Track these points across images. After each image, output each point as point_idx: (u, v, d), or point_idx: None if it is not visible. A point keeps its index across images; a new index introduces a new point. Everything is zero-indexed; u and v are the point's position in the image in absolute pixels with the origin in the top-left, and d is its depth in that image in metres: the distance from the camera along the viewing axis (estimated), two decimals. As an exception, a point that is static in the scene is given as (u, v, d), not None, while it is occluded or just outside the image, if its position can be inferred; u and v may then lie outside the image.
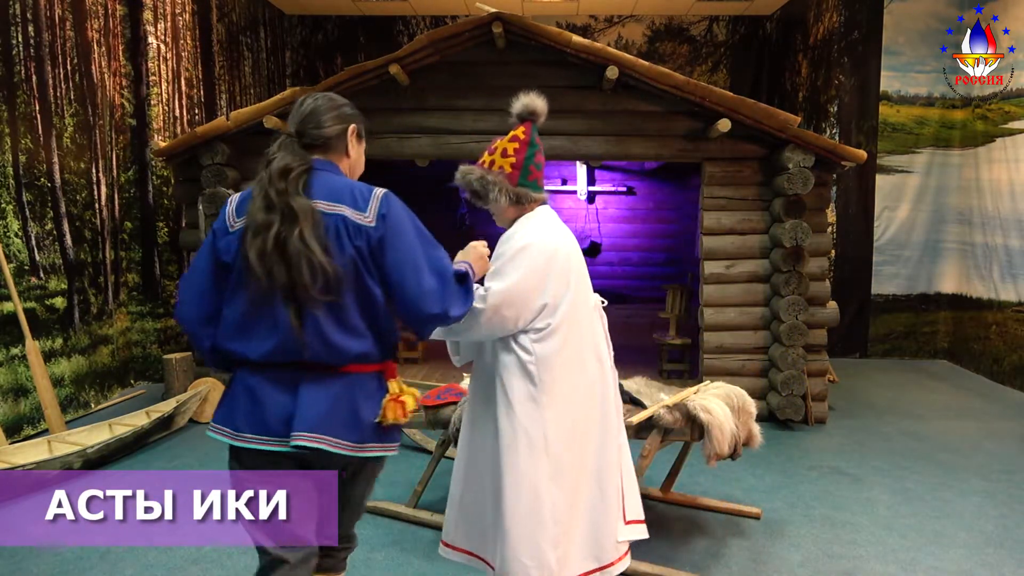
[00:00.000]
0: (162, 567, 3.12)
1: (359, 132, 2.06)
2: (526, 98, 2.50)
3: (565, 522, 2.32)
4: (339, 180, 1.95)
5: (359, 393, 1.91)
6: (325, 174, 1.94)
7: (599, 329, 2.53)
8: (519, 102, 2.50)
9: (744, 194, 5.37)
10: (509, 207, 2.43)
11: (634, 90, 5.16)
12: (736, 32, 8.50)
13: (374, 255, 1.88)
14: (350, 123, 2.02)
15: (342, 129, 2.00)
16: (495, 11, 4.93)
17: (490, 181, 2.40)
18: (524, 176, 2.43)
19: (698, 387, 3.48)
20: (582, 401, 2.40)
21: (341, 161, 2.03)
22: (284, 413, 1.87)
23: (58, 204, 5.17)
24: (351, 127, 2.02)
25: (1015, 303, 6.66)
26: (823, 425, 5.32)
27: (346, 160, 2.04)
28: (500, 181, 2.40)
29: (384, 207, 1.90)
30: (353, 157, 2.06)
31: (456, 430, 3.34)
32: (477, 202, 2.50)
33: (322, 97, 2.04)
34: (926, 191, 7.74)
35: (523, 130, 2.48)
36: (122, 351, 5.91)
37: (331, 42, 8.65)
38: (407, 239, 1.91)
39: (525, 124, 2.50)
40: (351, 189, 1.92)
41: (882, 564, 3.23)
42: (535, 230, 2.39)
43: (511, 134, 2.48)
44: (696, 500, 3.80)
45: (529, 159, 2.45)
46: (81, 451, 4.06)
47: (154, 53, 6.19)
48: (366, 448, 1.92)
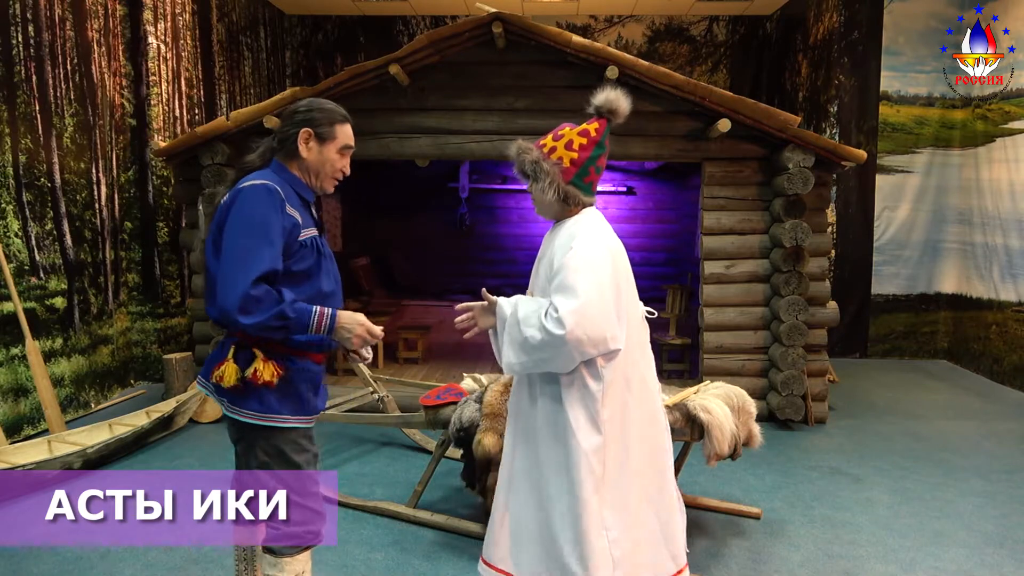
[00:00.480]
0: (162, 567, 3.12)
1: (314, 135, 2.17)
2: (611, 94, 2.33)
3: (620, 542, 2.29)
4: (252, 176, 2.12)
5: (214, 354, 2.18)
6: (257, 172, 2.16)
7: (647, 341, 2.46)
8: (602, 95, 2.34)
9: (744, 194, 5.37)
10: (555, 202, 2.33)
11: (634, 90, 5.10)
12: (736, 32, 8.50)
13: (220, 230, 2.06)
14: (300, 128, 2.16)
15: (292, 133, 2.16)
16: (495, 11, 4.93)
17: (544, 169, 2.29)
18: (580, 176, 2.32)
19: (698, 387, 3.48)
20: (638, 422, 2.36)
21: (294, 162, 2.19)
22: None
23: (58, 204, 5.17)
24: (301, 132, 2.15)
25: (1015, 303, 6.66)
26: (823, 425, 5.32)
27: (301, 161, 2.18)
28: (554, 173, 2.29)
29: (233, 194, 2.07)
30: (308, 158, 2.17)
31: (456, 430, 3.34)
32: (523, 179, 2.39)
33: (305, 102, 2.22)
34: (926, 191, 7.74)
35: (596, 127, 2.35)
36: (122, 351, 5.91)
37: (331, 42, 8.65)
38: (232, 225, 2.02)
39: (601, 121, 2.36)
40: (245, 181, 2.11)
41: (882, 564, 3.23)
42: (593, 236, 2.28)
43: (583, 127, 2.34)
44: (696, 500, 3.80)
45: (592, 160, 2.33)
46: (81, 451, 4.06)
47: (154, 53, 6.19)
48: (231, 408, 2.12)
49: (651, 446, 2.44)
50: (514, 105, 5.34)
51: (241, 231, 2.00)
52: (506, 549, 2.44)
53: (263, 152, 2.22)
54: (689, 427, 3.22)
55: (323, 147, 2.18)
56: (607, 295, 2.21)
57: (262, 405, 2.09)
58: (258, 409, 2.09)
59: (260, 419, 2.09)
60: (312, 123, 2.16)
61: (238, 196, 2.05)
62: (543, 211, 2.41)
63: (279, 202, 2.04)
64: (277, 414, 2.10)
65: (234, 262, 1.97)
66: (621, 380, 2.31)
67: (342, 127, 2.21)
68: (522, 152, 2.35)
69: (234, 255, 1.98)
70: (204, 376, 2.19)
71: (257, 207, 2.01)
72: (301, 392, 2.15)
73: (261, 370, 2.04)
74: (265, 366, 2.05)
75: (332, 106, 2.23)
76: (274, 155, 2.21)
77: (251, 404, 2.08)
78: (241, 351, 2.09)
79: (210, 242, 2.10)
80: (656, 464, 2.43)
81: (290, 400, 2.13)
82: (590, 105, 2.38)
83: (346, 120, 2.23)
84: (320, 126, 2.17)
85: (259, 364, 2.05)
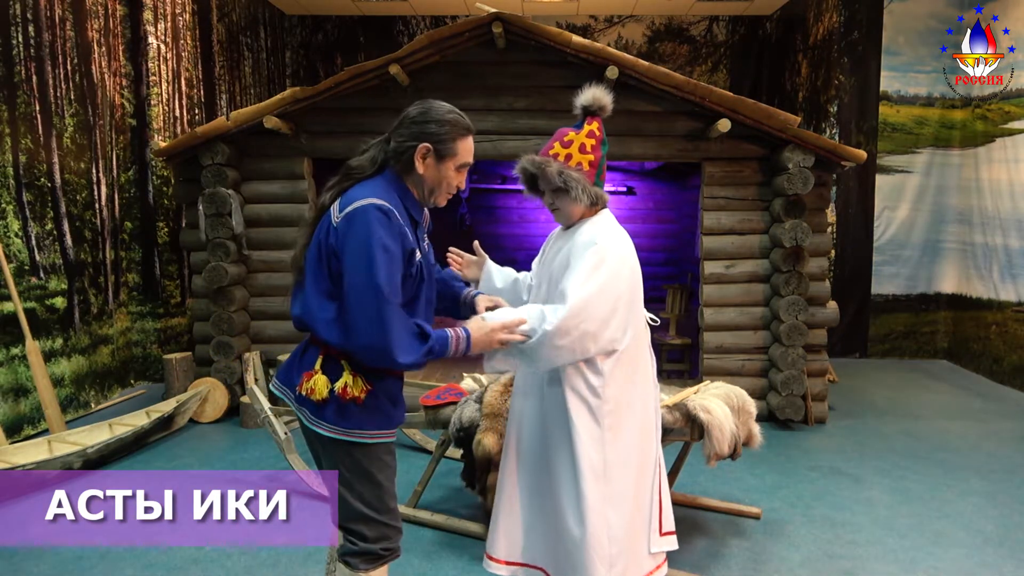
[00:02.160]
0: (162, 567, 3.12)
1: (433, 151, 2.02)
2: (595, 91, 2.36)
3: (621, 540, 2.31)
4: (370, 189, 1.99)
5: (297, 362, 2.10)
6: (377, 183, 2.02)
7: (648, 345, 2.48)
8: (587, 94, 2.36)
9: (744, 194, 5.37)
10: (584, 207, 2.31)
11: (634, 90, 5.16)
12: (736, 32, 8.50)
13: (335, 252, 1.96)
14: (419, 142, 2.01)
15: (409, 147, 2.02)
16: (495, 11, 4.93)
17: (573, 178, 2.27)
18: (599, 176, 2.33)
19: (698, 387, 3.48)
20: (640, 424, 2.38)
21: (408, 176, 2.05)
22: None
23: (58, 204, 5.17)
24: (419, 147, 2.01)
25: (1015, 303, 6.66)
26: (823, 425, 5.32)
27: (416, 176, 2.05)
28: (582, 179, 2.28)
29: (351, 213, 1.93)
30: (425, 175, 2.04)
31: (456, 430, 3.34)
32: (533, 194, 2.40)
33: (421, 106, 2.06)
34: (926, 191, 7.74)
35: (597, 126, 2.36)
36: (122, 351, 5.91)
37: (331, 42, 8.65)
38: (358, 252, 1.91)
39: (597, 120, 2.37)
40: (358, 194, 1.97)
41: (882, 564, 3.23)
42: (612, 235, 2.28)
43: (587, 129, 2.34)
44: (696, 500, 3.80)
45: (604, 159, 2.35)
46: (81, 451, 4.06)
47: (154, 53, 6.19)
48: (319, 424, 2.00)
49: (647, 445, 2.45)
50: (514, 105, 5.34)
51: (373, 260, 1.88)
52: (515, 540, 2.46)
53: (374, 157, 2.06)
54: (689, 427, 3.22)
55: (441, 165, 2.04)
56: (614, 294, 2.21)
57: (347, 420, 1.99)
58: (342, 424, 1.99)
59: (345, 434, 1.99)
60: (432, 138, 2.01)
61: (356, 218, 1.91)
62: (567, 218, 2.38)
63: (397, 227, 1.94)
64: (362, 429, 2.00)
65: (375, 299, 1.87)
66: (625, 376, 2.33)
67: (464, 142, 2.06)
68: (543, 165, 2.30)
69: (372, 290, 1.88)
70: (284, 382, 2.10)
71: (380, 232, 1.90)
72: (384, 406, 2.05)
73: (351, 385, 1.97)
74: (355, 381, 1.97)
75: (454, 116, 2.05)
76: (387, 164, 2.06)
77: (335, 418, 1.99)
78: (329, 362, 2.00)
79: (314, 251, 2.00)
80: (647, 461, 2.45)
81: (374, 414, 2.03)
82: (575, 107, 2.40)
83: (468, 132, 2.07)
84: (441, 142, 2.02)
85: (348, 378, 1.97)
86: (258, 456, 4.47)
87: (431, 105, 2.05)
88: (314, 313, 1.98)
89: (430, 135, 2.01)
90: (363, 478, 2.02)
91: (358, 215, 1.91)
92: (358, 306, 1.89)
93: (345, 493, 2.02)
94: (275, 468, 4.25)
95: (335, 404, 1.98)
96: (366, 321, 1.88)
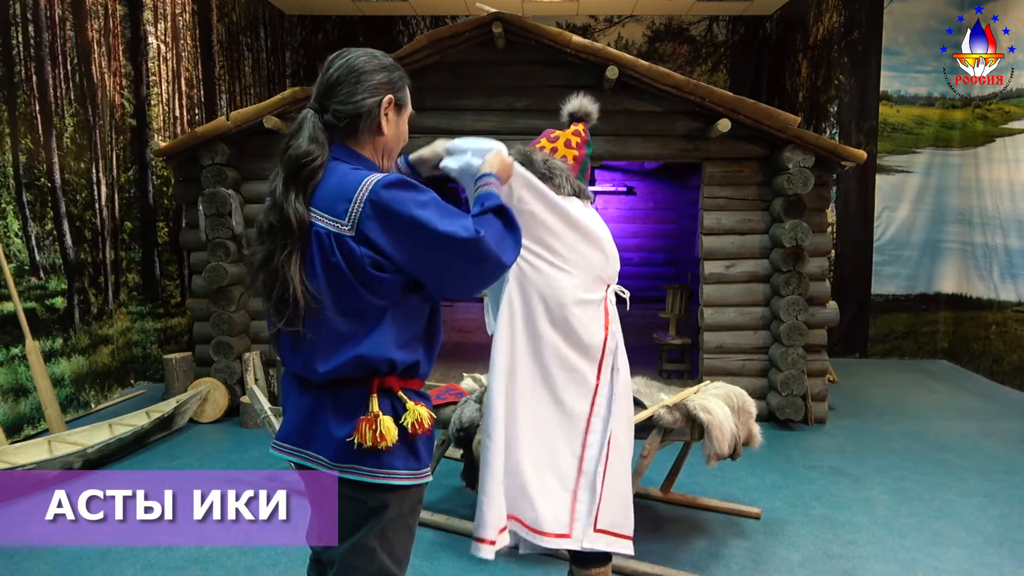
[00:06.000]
0: (162, 567, 3.12)
1: (397, 102, 1.68)
2: (582, 99, 2.54)
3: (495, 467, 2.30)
4: (341, 177, 1.59)
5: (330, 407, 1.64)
6: (339, 167, 1.61)
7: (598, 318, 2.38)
8: (574, 102, 2.54)
9: (744, 194, 5.37)
10: (566, 197, 2.39)
11: (634, 90, 5.16)
12: (736, 32, 8.50)
13: (374, 261, 1.55)
14: (384, 95, 1.64)
15: (374, 103, 1.63)
16: (495, 11, 4.93)
17: (557, 166, 2.37)
18: (582, 173, 2.46)
19: (698, 387, 3.48)
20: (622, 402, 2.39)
21: (369, 144, 1.67)
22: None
23: (58, 204, 5.17)
24: (385, 99, 1.64)
25: (1015, 303, 6.67)
26: (823, 425, 5.32)
27: (379, 140, 1.68)
28: (566, 170, 2.39)
29: (367, 210, 1.53)
30: (388, 134, 1.68)
31: (456, 430, 3.34)
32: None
33: (356, 57, 1.65)
34: (926, 191, 7.75)
35: (583, 128, 2.52)
36: (122, 351, 5.91)
37: (331, 42, 8.65)
38: (413, 233, 1.53)
39: (583, 124, 2.53)
40: (341, 188, 1.57)
41: (882, 564, 3.23)
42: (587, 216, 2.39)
43: (573, 128, 2.50)
44: (696, 500, 3.80)
45: (588, 159, 2.50)
46: (81, 451, 4.06)
47: (154, 53, 6.19)
48: (345, 468, 1.61)
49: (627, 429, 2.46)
50: (514, 105, 5.34)
51: (425, 225, 1.52)
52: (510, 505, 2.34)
53: (315, 137, 1.61)
54: (689, 427, 3.22)
55: (400, 118, 1.71)
56: (557, 211, 2.25)
57: (418, 460, 1.64)
58: (415, 465, 1.64)
59: (415, 477, 1.64)
60: (392, 87, 1.66)
61: (376, 210, 1.52)
62: None
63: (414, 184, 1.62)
64: (425, 467, 1.66)
65: (463, 248, 1.53)
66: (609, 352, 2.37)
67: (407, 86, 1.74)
68: (530, 153, 2.36)
69: (451, 245, 1.53)
70: (300, 444, 1.65)
71: (405, 198, 1.55)
72: (418, 444, 1.65)
73: (423, 417, 1.61)
74: (424, 413, 1.62)
75: (388, 58, 1.70)
76: (335, 136, 1.65)
77: (406, 462, 1.62)
78: (384, 397, 1.60)
79: (328, 279, 1.56)
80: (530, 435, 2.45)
81: (428, 444, 1.68)
82: (563, 116, 2.56)
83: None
84: (399, 90, 1.68)
85: (414, 410, 1.61)
86: (258, 456, 4.47)
87: (355, 53, 1.67)
88: (386, 343, 1.58)
89: (389, 85, 1.66)
90: (403, 529, 1.68)
91: (375, 207, 1.53)
92: (450, 273, 1.56)
93: (377, 546, 1.64)
94: (275, 468, 4.25)
95: (405, 446, 1.62)
96: (477, 273, 1.58)
